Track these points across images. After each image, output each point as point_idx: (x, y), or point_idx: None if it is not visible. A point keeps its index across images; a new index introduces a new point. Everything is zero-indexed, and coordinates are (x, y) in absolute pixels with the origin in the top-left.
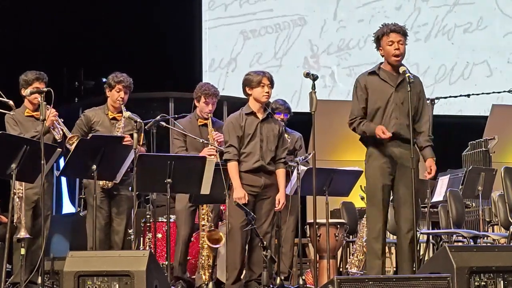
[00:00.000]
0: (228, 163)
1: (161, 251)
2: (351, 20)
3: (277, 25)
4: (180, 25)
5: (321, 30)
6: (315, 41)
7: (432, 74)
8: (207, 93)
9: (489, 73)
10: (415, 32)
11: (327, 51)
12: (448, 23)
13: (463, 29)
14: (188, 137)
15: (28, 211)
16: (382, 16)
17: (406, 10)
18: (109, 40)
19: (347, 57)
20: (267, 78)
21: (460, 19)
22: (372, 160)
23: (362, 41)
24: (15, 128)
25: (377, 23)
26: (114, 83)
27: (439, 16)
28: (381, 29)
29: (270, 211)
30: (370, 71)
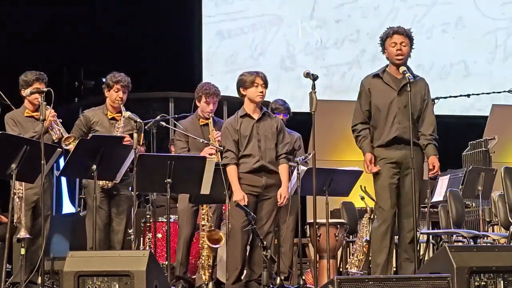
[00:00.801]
0: (227, 168)
1: (161, 251)
2: (328, 20)
3: (254, 25)
4: (180, 24)
5: (298, 30)
6: (291, 41)
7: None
8: (207, 93)
9: (466, 73)
10: None
11: (304, 51)
12: (426, 23)
13: (441, 29)
14: (190, 138)
15: (28, 211)
16: (359, 16)
17: (384, 10)
18: (109, 40)
19: (324, 57)
20: (261, 77)
21: (439, 19)
22: (378, 161)
23: (340, 41)
24: (14, 129)
25: (355, 23)
26: (112, 83)
27: (417, 16)
28: (385, 32)
29: (271, 211)
30: (375, 74)
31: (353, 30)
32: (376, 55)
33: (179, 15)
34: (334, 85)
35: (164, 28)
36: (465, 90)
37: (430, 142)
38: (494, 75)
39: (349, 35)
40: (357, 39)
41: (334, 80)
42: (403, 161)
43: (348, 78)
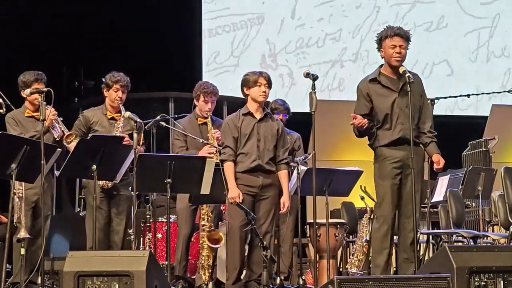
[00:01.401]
0: (224, 164)
1: (161, 251)
2: (310, 18)
3: (234, 24)
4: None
5: (279, 29)
6: (272, 40)
7: None
8: (206, 91)
9: (449, 72)
10: (375, 31)
11: (285, 50)
12: (409, 22)
13: (423, 28)
14: (189, 137)
15: (28, 211)
16: (341, 15)
17: (366, 9)
18: (109, 40)
19: (305, 56)
20: (264, 77)
21: (421, 18)
22: (381, 160)
23: (321, 40)
24: (16, 128)
25: (336, 21)
26: (112, 83)
27: (399, 14)
28: (385, 31)
29: (269, 211)
30: (371, 78)
31: (335, 29)
32: (358, 54)
33: (179, 15)
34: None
35: (164, 28)
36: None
37: (432, 140)
38: (477, 74)
39: (331, 34)
40: (339, 37)
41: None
42: (406, 161)
43: (330, 76)
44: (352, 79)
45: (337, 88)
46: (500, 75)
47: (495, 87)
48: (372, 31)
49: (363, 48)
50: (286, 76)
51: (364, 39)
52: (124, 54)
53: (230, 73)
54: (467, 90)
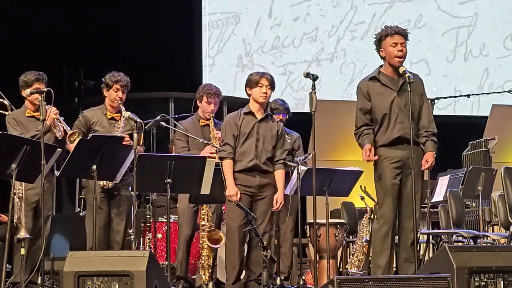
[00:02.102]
0: (223, 161)
1: (161, 251)
2: (287, 18)
3: (211, 23)
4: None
5: (256, 28)
6: (249, 40)
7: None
8: (209, 93)
9: (427, 72)
10: (352, 31)
11: (262, 49)
12: (386, 21)
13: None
14: (190, 138)
15: (29, 211)
16: (318, 14)
17: (343, 8)
18: (109, 40)
19: (282, 55)
20: (266, 78)
21: (399, 17)
22: (381, 161)
23: (298, 40)
24: (16, 128)
25: (313, 21)
26: (112, 83)
27: (376, 14)
28: (385, 31)
29: (267, 211)
30: (370, 77)
31: (312, 28)
32: (335, 53)
33: (179, 15)
34: (293, 83)
35: (164, 28)
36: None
37: (428, 138)
38: (455, 73)
39: (307, 33)
40: (316, 37)
41: (292, 79)
42: (406, 161)
43: None
44: (328, 79)
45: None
46: (478, 75)
47: (473, 86)
48: (349, 30)
49: (340, 47)
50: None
51: (341, 38)
52: (124, 54)
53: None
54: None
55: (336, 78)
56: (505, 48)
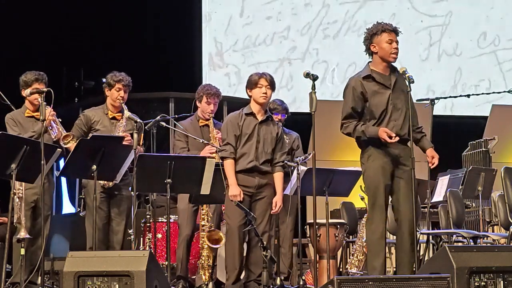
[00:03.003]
0: (224, 161)
1: (161, 251)
2: (258, 16)
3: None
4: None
5: (227, 27)
6: (220, 38)
7: (341, 72)
8: (209, 93)
9: None
10: (323, 29)
11: (233, 48)
12: (359, 20)
13: None
14: (190, 138)
15: (28, 211)
16: (289, 13)
17: (315, 7)
18: (109, 40)
19: (253, 54)
20: (265, 79)
21: (371, 16)
22: (372, 160)
23: (269, 38)
24: (15, 129)
25: (285, 19)
26: (114, 82)
27: (349, 12)
28: (382, 26)
29: (266, 211)
30: (364, 75)
31: (284, 27)
32: (307, 52)
33: (179, 15)
34: None
35: (164, 28)
36: None
37: (423, 135)
38: (428, 73)
39: (279, 32)
40: (288, 35)
41: None
42: (398, 159)
43: (278, 75)
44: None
45: (285, 86)
46: (451, 74)
47: (446, 86)
48: (322, 29)
49: (312, 46)
50: (233, 75)
51: (313, 37)
52: (124, 54)
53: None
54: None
55: None
56: (479, 47)
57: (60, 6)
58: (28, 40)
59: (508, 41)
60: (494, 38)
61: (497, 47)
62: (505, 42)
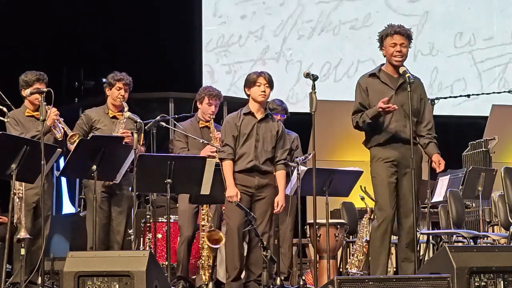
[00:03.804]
0: (223, 162)
1: (161, 251)
2: (232, 15)
3: None
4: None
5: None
6: None
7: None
8: (211, 94)
9: None
10: (298, 29)
11: (206, 48)
12: (334, 19)
13: (349, 26)
14: (190, 139)
15: (29, 211)
16: (264, 12)
17: (290, 6)
18: (109, 40)
19: (226, 54)
20: (264, 77)
21: (347, 16)
22: (376, 161)
23: (243, 38)
24: (16, 128)
25: (260, 19)
26: (114, 81)
27: (324, 12)
28: (386, 30)
29: (266, 211)
30: (371, 73)
31: (258, 27)
32: (281, 52)
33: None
34: (238, 83)
35: (164, 28)
36: None
37: (431, 141)
38: None
39: (253, 32)
40: (262, 35)
41: (237, 78)
42: (401, 160)
43: None
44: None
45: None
46: (427, 74)
47: None
48: (296, 29)
49: (286, 46)
50: (207, 75)
51: (287, 37)
52: (124, 54)
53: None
54: None
55: (282, 77)
56: (455, 47)
57: (60, 6)
58: (28, 40)
59: (484, 41)
60: (470, 38)
61: (473, 47)
62: (481, 42)
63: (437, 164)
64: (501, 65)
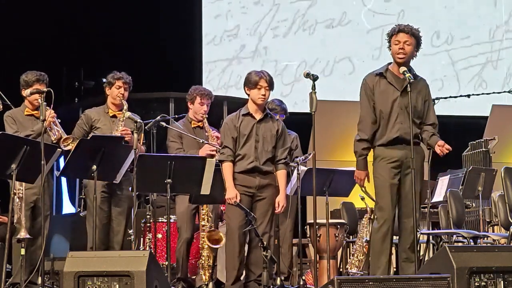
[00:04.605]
0: (222, 164)
1: (161, 251)
2: (207, 15)
3: None
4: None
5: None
6: None
7: (292, 71)
8: (202, 94)
9: (351, 70)
10: (273, 28)
11: (206, 48)
12: (310, 18)
13: (325, 24)
14: (185, 139)
15: (27, 211)
16: (239, 11)
17: (265, 5)
18: (109, 40)
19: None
20: (265, 80)
21: (322, 15)
22: (379, 161)
23: (218, 37)
24: (13, 127)
25: (235, 18)
26: (114, 80)
27: (299, 11)
28: (392, 29)
29: (267, 211)
30: (377, 72)
31: (233, 26)
32: (256, 51)
33: (179, 15)
34: (212, 81)
35: (164, 28)
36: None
37: (434, 133)
38: None
39: (228, 31)
40: (237, 34)
41: (211, 77)
42: (404, 161)
43: (227, 74)
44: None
45: (234, 86)
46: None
47: None
48: (271, 28)
49: (262, 45)
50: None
51: (263, 36)
52: (124, 54)
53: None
54: None
55: None
56: (432, 46)
57: (60, 6)
58: (28, 40)
59: (461, 40)
60: (447, 37)
61: (450, 46)
62: (458, 41)
63: (442, 146)
64: (478, 64)
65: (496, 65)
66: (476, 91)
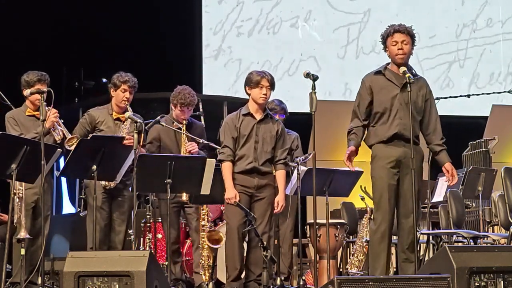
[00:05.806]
0: (222, 164)
1: (161, 252)
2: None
3: None
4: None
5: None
6: None
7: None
8: (182, 103)
9: (318, 69)
10: (237, 27)
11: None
12: (274, 17)
13: (290, 23)
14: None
15: (28, 211)
16: (201, 10)
17: (229, 4)
18: (109, 40)
19: None
20: (267, 79)
21: (287, 13)
22: (377, 161)
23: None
24: (16, 128)
25: None
26: (120, 83)
27: (264, 10)
28: (387, 30)
29: (266, 211)
30: (376, 71)
31: None
32: (220, 50)
33: (179, 15)
34: None
35: (164, 28)
36: None
37: (443, 148)
38: (346, 70)
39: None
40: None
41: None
42: (403, 160)
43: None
44: (213, 76)
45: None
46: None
47: None
48: (236, 27)
49: (226, 44)
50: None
51: (226, 35)
52: (124, 54)
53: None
54: (336, 87)
55: (221, 75)
56: None
57: (60, 6)
58: (28, 40)
59: (429, 38)
60: None
61: (417, 45)
62: (426, 40)
63: (450, 173)
64: (445, 63)
65: (463, 64)
66: (443, 91)
